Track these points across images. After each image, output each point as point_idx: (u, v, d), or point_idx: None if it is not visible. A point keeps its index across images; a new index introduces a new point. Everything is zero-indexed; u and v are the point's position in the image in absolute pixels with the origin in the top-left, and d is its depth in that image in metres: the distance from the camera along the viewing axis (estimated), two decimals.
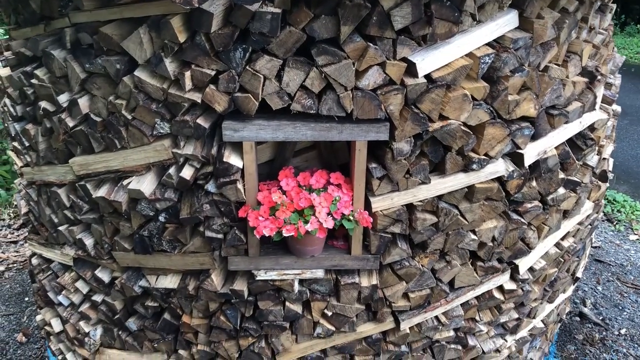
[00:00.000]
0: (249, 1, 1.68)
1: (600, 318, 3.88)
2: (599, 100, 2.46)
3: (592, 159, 2.54)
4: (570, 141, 2.38)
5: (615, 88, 2.74)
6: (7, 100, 2.51)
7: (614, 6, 2.74)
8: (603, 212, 5.49)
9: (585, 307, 3.98)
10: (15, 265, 4.47)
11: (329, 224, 1.96)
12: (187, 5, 1.66)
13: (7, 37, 2.51)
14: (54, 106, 2.18)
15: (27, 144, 2.45)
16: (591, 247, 4.63)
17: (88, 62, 2.00)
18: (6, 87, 2.44)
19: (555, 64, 2.18)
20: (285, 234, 1.95)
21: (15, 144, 2.64)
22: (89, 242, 2.43)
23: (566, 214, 2.55)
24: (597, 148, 2.59)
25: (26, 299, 4.05)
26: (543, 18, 2.03)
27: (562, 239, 2.66)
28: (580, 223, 2.75)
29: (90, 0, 1.94)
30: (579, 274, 3.10)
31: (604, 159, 2.85)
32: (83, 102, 2.08)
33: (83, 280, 2.61)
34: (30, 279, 3.19)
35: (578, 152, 2.43)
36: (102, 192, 2.19)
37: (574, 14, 2.15)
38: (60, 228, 2.51)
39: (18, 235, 4.90)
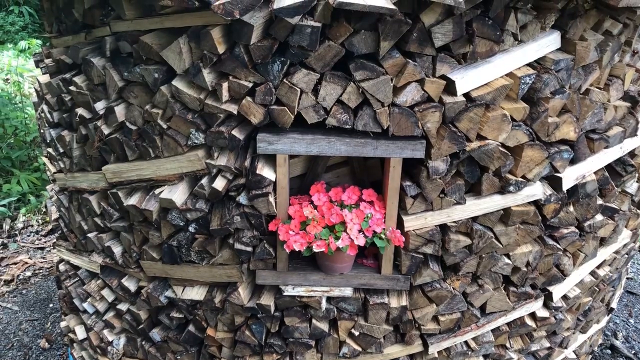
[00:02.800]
0: (290, 14, 1.67)
1: (633, 352, 3.75)
2: None
3: (632, 186, 2.47)
4: (610, 167, 2.32)
5: None
6: (44, 107, 2.55)
7: None
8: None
9: (617, 339, 3.85)
10: (41, 271, 4.51)
11: (360, 241, 1.93)
12: (228, 17, 1.66)
13: (49, 44, 2.56)
14: (90, 113, 2.20)
15: (61, 150, 2.47)
16: (627, 276, 4.50)
17: (126, 71, 2.01)
18: (44, 93, 2.48)
19: (597, 87, 2.13)
20: (315, 249, 1.92)
21: (50, 150, 2.67)
22: (117, 250, 2.43)
23: (603, 242, 2.47)
24: (637, 175, 2.52)
25: (50, 305, 4.07)
26: (586, 40, 1.99)
27: (598, 267, 2.58)
28: (617, 252, 2.67)
29: (131, 10, 1.96)
30: (613, 305, 3.00)
31: None
32: (119, 110, 2.10)
33: (109, 288, 2.61)
34: (57, 285, 3.21)
35: (617, 179, 2.36)
36: (133, 200, 2.19)
37: (617, 37, 2.10)
38: (90, 235, 2.52)
39: (45, 242, 4.95)
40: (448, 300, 2.19)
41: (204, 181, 2.06)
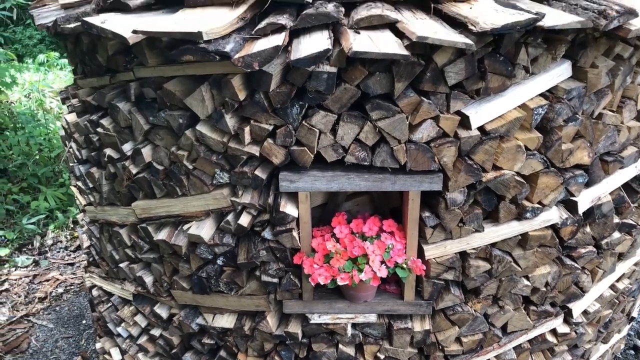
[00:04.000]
0: (307, 65, 1.74)
1: None
2: None
3: None
4: (625, 184, 2.36)
5: None
6: (73, 144, 2.65)
7: None
8: None
9: None
10: (72, 287, 4.66)
11: (383, 272, 2.00)
12: (248, 69, 1.73)
13: (74, 84, 2.65)
14: (118, 154, 2.29)
15: (91, 185, 2.57)
16: None
17: (152, 115, 2.10)
18: (72, 131, 2.58)
19: (610, 110, 2.17)
20: (339, 282, 2.00)
21: (79, 183, 2.77)
22: (148, 279, 2.54)
23: (621, 257, 2.52)
24: None
25: (84, 321, 4.21)
26: (597, 67, 2.02)
27: (617, 280, 2.63)
28: (636, 264, 2.71)
29: (154, 58, 2.04)
30: (634, 314, 3.04)
31: None
32: (146, 152, 2.19)
33: (142, 314, 2.72)
34: (90, 308, 3.33)
35: (633, 195, 2.40)
36: (162, 235, 2.29)
37: (628, 60, 2.13)
38: (121, 265, 2.62)
39: (75, 258, 5.10)
40: (470, 322, 2.26)
41: (230, 217, 2.15)
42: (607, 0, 1.88)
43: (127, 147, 2.24)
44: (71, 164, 2.84)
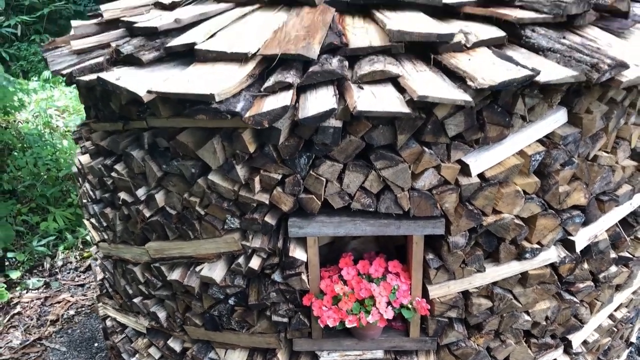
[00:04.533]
0: (314, 122, 1.83)
1: None
2: None
3: None
4: (622, 218, 2.44)
5: None
6: (87, 185, 2.74)
7: None
8: None
9: None
10: (83, 309, 4.75)
11: (389, 314, 2.09)
12: (258, 126, 1.82)
13: (88, 127, 2.74)
14: (132, 197, 2.38)
15: (104, 224, 2.67)
16: None
17: (165, 163, 2.19)
18: (86, 172, 2.67)
19: (605, 151, 2.25)
20: (348, 324, 2.09)
21: (93, 220, 2.87)
22: (162, 315, 2.63)
23: (619, 288, 2.60)
24: None
25: (95, 344, 4.30)
26: (592, 112, 2.11)
27: (615, 310, 2.71)
28: (634, 292, 2.79)
29: (166, 110, 2.12)
30: (633, 339, 3.12)
31: None
32: (159, 197, 2.28)
33: (156, 347, 2.81)
34: (104, 336, 3.42)
35: (629, 229, 2.48)
36: (176, 275, 2.38)
37: (621, 103, 2.22)
38: (135, 300, 2.71)
39: (85, 278, 5.19)
40: (473, 356, 2.35)
41: (241, 260, 2.24)
42: (599, 52, 1.96)
43: (141, 192, 2.33)
44: (84, 201, 2.93)
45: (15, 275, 5.02)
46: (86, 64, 2.29)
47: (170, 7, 2.51)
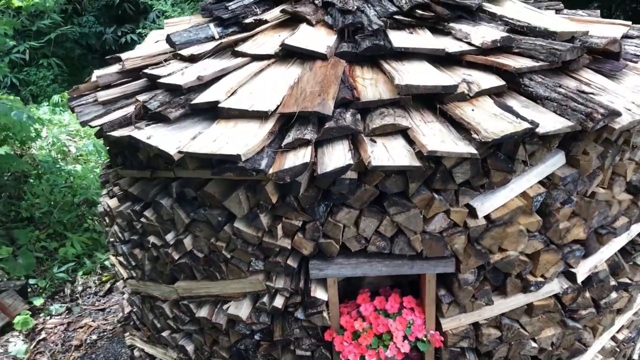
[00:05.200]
0: (331, 177, 2.00)
1: None
2: None
3: None
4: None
5: None
6: (115, 227, 2.90)
7: None
8: None
9: None
10: (105, 333, 4.92)
11: (406, 348, 2.26)
12: (280, 182, 1.99)
13: (115, 173, 2.91)
14: (161, 241, 2.54)
15: (133, 263, 2.83)
16: None
17: (192, 211, 2.35)
18: (115, 215, 2.84)
19: (602, 188, 2.41)
20: (368, 359, 2.24)
21: (121, 258, 3.03)
22: (190, 347, 2.79)
23: (620, 311, 2.76)
24: None
25: None
26: (588, 154, 2.27)
27: (617, 332, 2.87)
28: (634, 314, 2.94)
29: (193, 163, 2.30)
30: (635, 357, 3.27)
31: None
32: (187, 241, 2.44)
33: None
34: None
35: (627, 256, 2.64)
36: (203, 312, 2.54)
37: (616, 142, 2.38)
38: (164, 334, 2.88)
39: (105, 302, 5.36)
40: None
41: (265, 299, 2.40)
42: (593, 101, 2.12)
43: (170, 237, 2.50)
44: (112, 239, 3.10)
45: (38, 302, 5.19)
46: (114, 116, 2.46)
47: (190, 60, 2.66)
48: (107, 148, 3.06)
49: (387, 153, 2.01)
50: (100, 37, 11.33)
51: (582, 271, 2.38)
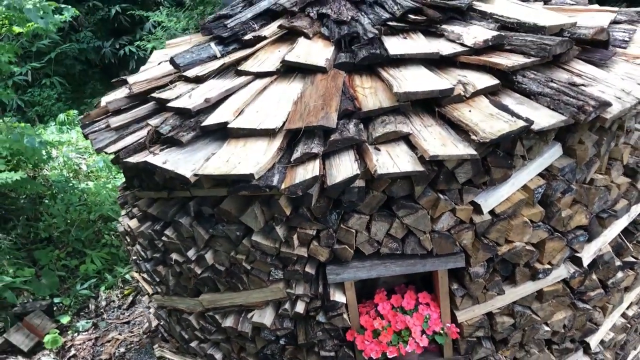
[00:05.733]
0: (340, 189, 2.11)
1: None
2: None
3: None
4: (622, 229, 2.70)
5: None
6: (138, 246, 3.03)
7: None
8: None
9: None
10: (132, 345, 5.07)
11: (424, 342, 2.37)
12: (293, 195, 2.10)
13: (133, 195, 3.04)
14: (183, 258, 2.67)
15: (157, 279, 2.96)
16: None
17: (211, 228, 2.47)
18: (136, 235, 2.96)
19: (600, 174, 2.51)
20: (389, 355, 2.37)
21: (145, 275, 3.16)
22: (218, 356, 2.92)
23: (627, 289, 2.86)
24: None
25: None
26: (584, 143, 2.36)
27: (627, 308, 2.97)
28: None
29: (208, 182, 2.41)
30: None
31: None
32: (208, 256, 2.57)
33: None
34: None
35: (630, 236, 2.74)
36: (229, 322, 2.67)
37: (610, 129, 2.47)
38: (192, 344, 3.01)
39: (129, 315, 5.52)
40: None
41: (287, 306, 2.52)
42: (584, 93, 2.21)
43: (191, 253, 2.62)
44: (134, 257, 3.23)
45: (65, 320, 5.34)
46: (127, 141, 2.58)
47: (195, 81, 2.77)
48: (122, 171, 3.18)
49: (392, 160, 2.11)
50: (99, 51, 11.44)
51: (587, 255, 2.48)
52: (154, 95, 2.74)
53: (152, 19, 9.77)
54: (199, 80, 2.75)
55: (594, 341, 2.77)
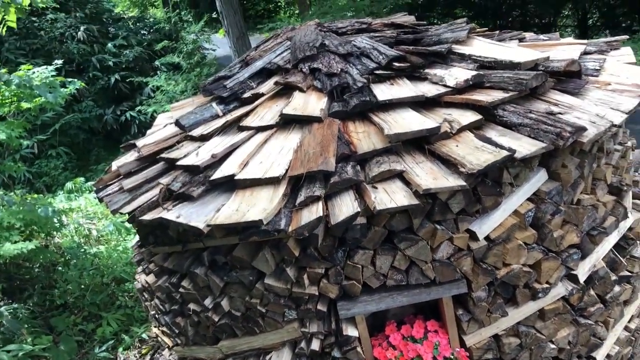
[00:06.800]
0: (343, 227, 2.27)
1: None
2: (629, 207, 2.92)
3: (637, 251, 2.98)
4: (615, 244, 2.84)
5: None
6: (156, 300, 3.17)
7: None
8: None
9: None
10: None
11: None
12: (300, 237, 2.26)
13: (148, 251, 3.19)
14: (200, 307, 2.80)
15: (177, 331, 3.08)
16: None
17: (225, 275, 2.62)
18: (154, 290, 3.10)
19: (586, 194, 2.67)
20: None
21: (164, 329, 3.28)
22: None
23: (627, 302, 2.97)
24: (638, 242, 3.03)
25: None
26: (567, 167, 2.53)
27: (629, 321, 3.07)
28: None
29: (220, 231, 2.57)
30: None
31: None
32: (224, 303, 2.70)
33: None
34: None
35: (623, 251, 2.88)
36: None
37: (590, 151, 2.65)
38: None
39: None
40: None
41: (303, 344, 2.64)
42: (561, 121, 2.40)
43: (208, 301, 2.75)
44: (152, 312, 3.35)
45: None
46: (141, 201, 2.75)
47: (201, 139, 2.97)
48: (137, 229, 3.34)
49: (389, 196, 2.28)
50: (101, 119, 11.79)
51: (582, 272, 2.62)
52: (163, 155, 2.93)
53: (151, 84, 10.14)
54: (204, 138, 2.95)
55: (600, 355, 2.86)
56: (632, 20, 14.94)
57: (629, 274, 2.86)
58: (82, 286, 6.52)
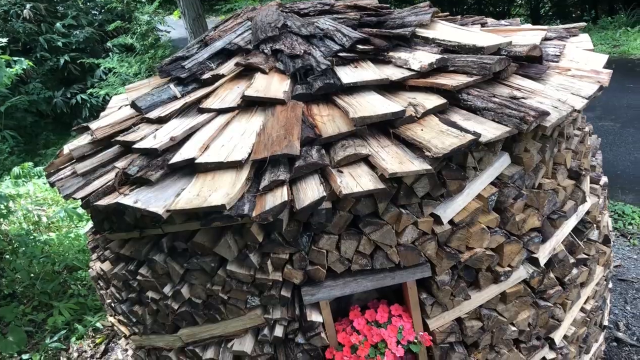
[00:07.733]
0: (308, 211, 2.23)
1: (635, 338, 4.32)
2: (587, 191, 2.98)
3: (594, 234, 3.05)
4: (573, 228, 2.89)
5: (598, 168, 3.27)
6: (112, 289, 3.06)
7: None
8: (615, 227, 5.93)
9: (619, 331, 4.42)
10: None
11: (400, 352, 2.48)
12: (264, 222, 2.20)
13: (104, 237, 3.07)
14: (159, 295, 2.71)
15: (134, 320, 2.99)
16: (612, 266, 5.07)
17: (185, 262, 2.54)
18: (110, 278, 2.99)
19: (547, 178, 2.70)
20: None
21: (121, 317, 3.18)
22: None
23: (583, 284, 3.04)
24: (595, 226, 3.10)
25: None
26: (529, 151, 2.56)
27: (585, 303, 3.15)
28: (597, 284, 3.24)
29: (180, 217, 2.49)
30: (605, 322, 3.57)
31: (603, 226, 3.34)
32: (184, 290, 2.62)
33: None
34: None
35: (580, 234, 2.94)
36: (210, 354, 2.72)
37: (551, 136, 2.68)
38: None
39: None
40: None
41: (266, 331, 2.60)
42: (525, 105, 2.41)
43: (167, 289, 2.67)
44: (108, 301, 3.24)
45: None
46: (95, 185, 2.63)
47: (158, 121, 2.86)
48: (91, 215, 3.21)
49: (355, 180, 2.24)
50: (50, 101, 11.37)
51: (543, 255, 2.66)
52: (118, 138, 2.81)
53: (103, 66, 9.80)
54: (161, 120, 2.84)
55: (558, 336, 2.93)
56: (583, 10, 15.41)
57: (586, 256, 2.93)
58: (32, 275, 6.28)
